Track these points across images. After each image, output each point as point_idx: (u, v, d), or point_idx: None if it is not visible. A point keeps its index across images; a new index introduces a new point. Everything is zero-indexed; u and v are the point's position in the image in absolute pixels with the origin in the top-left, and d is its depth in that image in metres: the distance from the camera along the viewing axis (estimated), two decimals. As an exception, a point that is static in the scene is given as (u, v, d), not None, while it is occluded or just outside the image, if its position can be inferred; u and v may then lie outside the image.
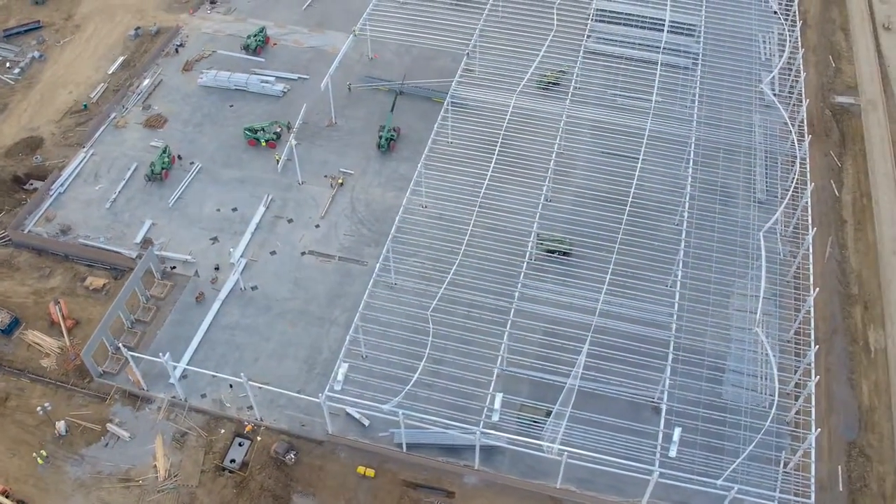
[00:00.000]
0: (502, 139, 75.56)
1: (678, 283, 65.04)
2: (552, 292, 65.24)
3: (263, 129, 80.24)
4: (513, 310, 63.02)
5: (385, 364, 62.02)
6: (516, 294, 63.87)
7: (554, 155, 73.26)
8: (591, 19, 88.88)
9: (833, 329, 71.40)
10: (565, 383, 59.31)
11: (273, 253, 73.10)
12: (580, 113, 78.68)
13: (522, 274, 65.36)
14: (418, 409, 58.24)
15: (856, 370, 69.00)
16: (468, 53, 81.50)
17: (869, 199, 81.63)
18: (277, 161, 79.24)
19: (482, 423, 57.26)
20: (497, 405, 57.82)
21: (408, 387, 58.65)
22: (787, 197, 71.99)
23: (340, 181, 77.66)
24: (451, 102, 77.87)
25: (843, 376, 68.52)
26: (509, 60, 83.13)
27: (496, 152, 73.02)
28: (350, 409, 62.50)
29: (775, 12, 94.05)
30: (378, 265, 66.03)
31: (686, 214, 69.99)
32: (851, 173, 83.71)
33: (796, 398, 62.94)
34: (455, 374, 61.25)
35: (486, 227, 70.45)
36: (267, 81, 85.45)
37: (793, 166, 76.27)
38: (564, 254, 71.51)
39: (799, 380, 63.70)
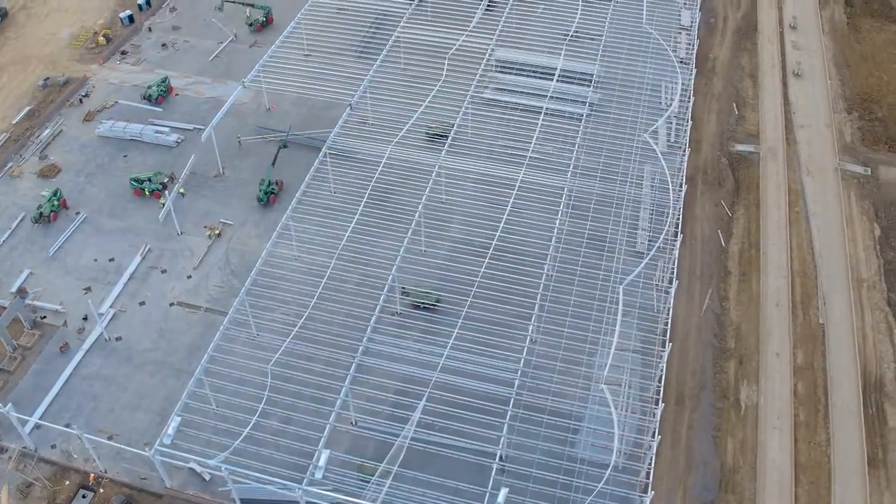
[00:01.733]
0: (379, 190, 77.72)
1: (528, 339, 65.55)
2: (399, 347, 66.05)
3: (150, 180, 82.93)
4: (354, 365, 63.93)
5: (226, 419, 62.95)
6: (360, 349, 64.85)
7: (421, 206, 74.86)
8: (483, 69, 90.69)
9: (702, 384, 71.05)
10: (395, 441, 59.87)
11: (142, 303, 74.95)
12: (456, 164, 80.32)
13: (370, 328, 66.44)
14: (244, 464, 59.03)
15: (722, 427, 68.52)
16: (351, 105, 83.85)
17: (757, 249, 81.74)
18: (162, 205, 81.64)
19: (306, 480, 57.93)
20: (322, 462, 58.43)
21: (236, 442, 59.67)
22: (654, 249, 72.51)
23: (218, 232, 79.68)
24: (329, 153, 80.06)
25: (707, 434, 68.04)
26: (399, 111, 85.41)
27: (363, 203, 74.82)
28: (193, 464, 63.47)
29: (681, 60, 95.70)
30: (227, 318, 67.51)
31: (547, 268, 70.77)
32: (742, 223, 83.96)
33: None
34: (289, 430, 62.01)
35: (344, 281, 72.01)
36: (161, 132, 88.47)
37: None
38: (427, 308, 72.43)
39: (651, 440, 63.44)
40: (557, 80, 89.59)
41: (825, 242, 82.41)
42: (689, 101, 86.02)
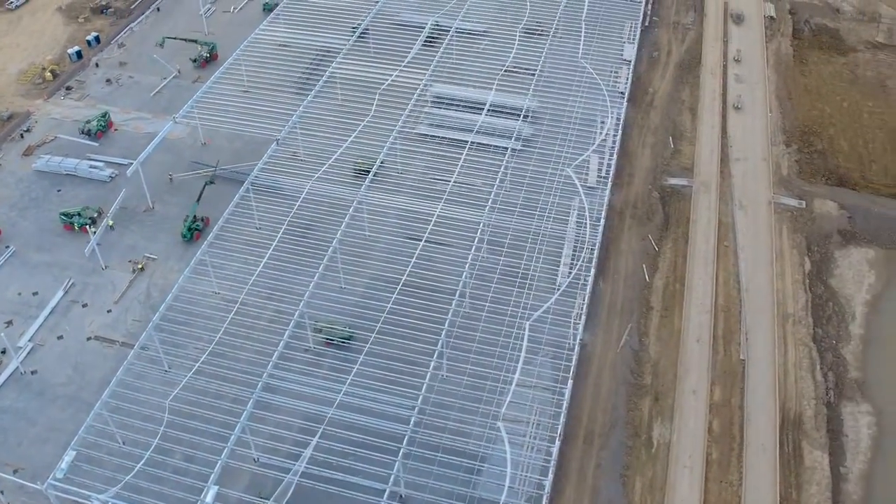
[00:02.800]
0: (300, 226, 80.00)
1: (427, 375, 66.64)
2: (300, 383, 67.29)
3: (79, 214, 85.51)
4: (251, 401, 65.26)
5: (127, 454, 64.33)
6: (258, 385, 66.23)
7: (335, 242, 76.65)
8: (413, 105, 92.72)
9: (613, 422, 71.60)
10: (291, 478, 61.06)
11: (60, 337, 76.92)
12: (377, 199, 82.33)
13: (270, 364, 67.89)
14: (136, 500, 60.29)
15: (631, 466, 68.93)
16: (278, 140, 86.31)
17: (682, 284, 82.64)
18: (94, 233, 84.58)
19: (192, 517, 59.19)
20: (210, 499, 59.53)
21: (127, 477, 61.09)
22: (564, 285, 73.64)
23: (141, 266, 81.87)
24: (254, 188, 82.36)
25: (615, 473, 68.41)
26: (329, 146, 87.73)
27: (278, 238, 76.88)
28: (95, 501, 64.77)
29: (621, 93, 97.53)
30: (132, 353, 69.28)
31: (455, 303, 72.04)
32: (669, 258, 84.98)
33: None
34: (185, 466, 63.41)
35: (257, 317, 73.93)
36: (96, 166, 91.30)
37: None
38: (340, 344, 73.75)
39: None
40: (492, 115, 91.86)
41: (752, 277, 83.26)
42: (616, 135, 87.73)
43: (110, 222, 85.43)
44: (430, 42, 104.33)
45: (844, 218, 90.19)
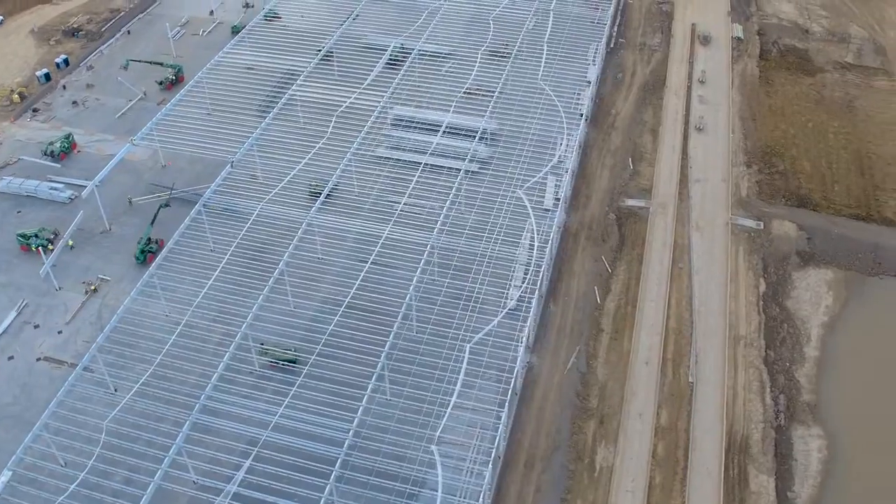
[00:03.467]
0: (252, 248, 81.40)
1: (364, 398, 67.37)
2: (237, 406, 68.14)
3: (36, 235, 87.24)
4: (188, 423, 66.13)
5: (67, 476, 65.28)
6: (196, 406, 67.12)
7: (282, 263, 77.89)
8: (369, 127, 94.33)
9: (556, 445, 71.99)
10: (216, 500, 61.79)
11: (11, 358, 78.27)
12: (327, 221, 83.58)
13: (210, 386, 68.81)
14: (66, 524, 61.28)
15: (572, 490, 69.25)
16: (232, 163, 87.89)
17: (634, 306, 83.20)
18: (71, 246, 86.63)
19: (121, 540, 59.93)
20: (141, 522, 60.44)
21: (60, 498, 61.92)
22: (506, 308, 74.39)
23: (94, 288, 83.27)
24: (206, 210, 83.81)
25: (555, 497, 68.74)
26: (285, 168, 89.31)
27: (225, 260, 78.15)
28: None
29: (582, 115, 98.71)
30: (73, 374, 70.38)
31: (397, 325, 72.81)
32: (622, 279, 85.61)
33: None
34: (119, 487, 64.17)
35: (204, 340, 74.78)
36: (56, 188, 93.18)
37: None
38: (285, 366, 74.70)
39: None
40: (450, 137, 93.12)
41: (706, 299, 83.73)
42: (573, 157, 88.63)
43: (70, 242, 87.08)
44: (394, 64, 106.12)
45: (803, 239, 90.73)
